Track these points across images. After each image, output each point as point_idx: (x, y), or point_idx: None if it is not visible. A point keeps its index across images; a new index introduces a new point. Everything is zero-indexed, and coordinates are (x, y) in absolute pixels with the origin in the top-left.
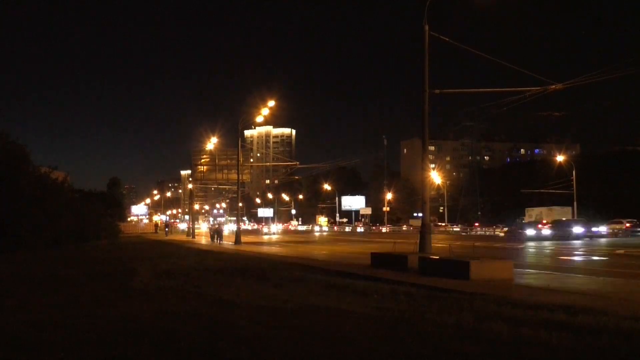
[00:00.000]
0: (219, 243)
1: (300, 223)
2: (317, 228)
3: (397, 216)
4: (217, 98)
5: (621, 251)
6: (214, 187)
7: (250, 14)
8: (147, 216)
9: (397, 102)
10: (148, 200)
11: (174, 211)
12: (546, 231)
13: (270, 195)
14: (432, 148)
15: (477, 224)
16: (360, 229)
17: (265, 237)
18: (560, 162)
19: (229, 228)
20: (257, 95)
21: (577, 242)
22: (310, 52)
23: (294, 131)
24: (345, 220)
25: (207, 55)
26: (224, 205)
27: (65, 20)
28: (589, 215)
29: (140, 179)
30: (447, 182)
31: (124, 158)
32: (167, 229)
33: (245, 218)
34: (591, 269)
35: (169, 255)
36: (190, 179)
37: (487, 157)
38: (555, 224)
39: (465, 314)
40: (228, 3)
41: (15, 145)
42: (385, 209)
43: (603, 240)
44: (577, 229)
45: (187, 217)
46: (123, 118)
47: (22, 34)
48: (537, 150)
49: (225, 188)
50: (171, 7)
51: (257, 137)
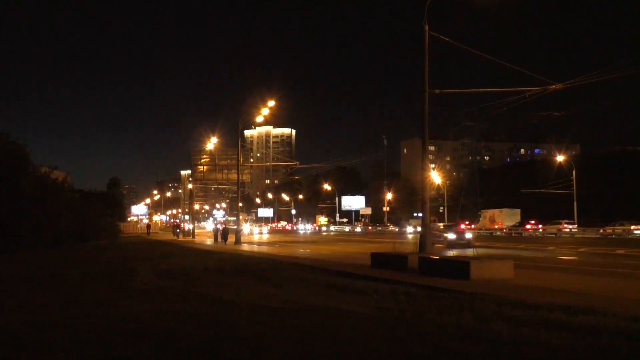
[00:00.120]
0: (225, 243)
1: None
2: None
3: (397, 216)
4: (217, 98)
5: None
6: (214, 187)
7: (250, 14)
8: (147, 216)
9: (397, 102)
10: (148, 200)
11: (174, 211)
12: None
13: (270, 195)
14: (432, 148)
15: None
16: (358, 229)
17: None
18: (560, 162)
19: (247, 228)
20: (257, 95)
21: None
22: (310, 52)
23: (294, 131)
24: (345, 220)
25: (207, 55)
26: (224, 205)
27: (65, 20)
28: (589, 215)
29: (140, 179)
30: (447, 182)
31: (124, 158)
32: (177, 230)
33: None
34: None
35: (169, 255)
36: (190, 179)
37: (487, 157)
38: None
39: (465, 314)
40: (228, 3)
41: (15, 145)
42: (385, 209)
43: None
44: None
45: (186, 217)
46: (123, 118)
47: (22, 34)
48: (537, 150)
49: (225, 188)
50: (171, 7)
51: (257, 137)
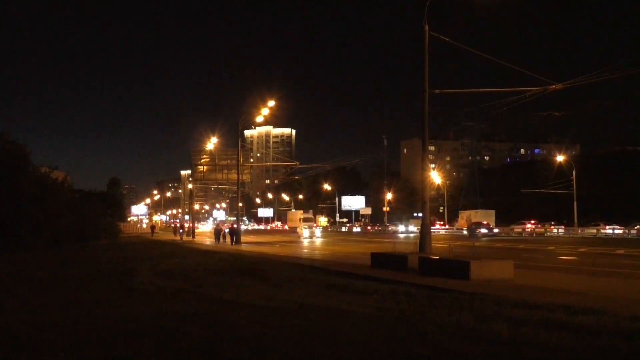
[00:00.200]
0: (232, 244)
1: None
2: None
3: (397, 216)
4: (217, 98)
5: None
6: (214, 187)
7: (250, 14)
8: (147, 216)
9: (397, 102)
10: (148, 200)
11: (174, 211)
12: None
13: (270, 195)
14: (432, 148)
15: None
16: (356, 229)
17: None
18: (560, 162)
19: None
20: (257, 95)
21: None
22: (310, 52)
23: (294, 131)
24: (345, 220)
25: (207, 55)
26: (224, 205)
27: (65, 20)
28: (589, 215)
29: (140, 179)
30: (447, 182)
31: (124, 158)
32: (181, 231)
33: (245, 218)
34: None
35: (169, 255)
36: (190, 179)
37: (487, 157)
38: None
39: (465, 314)
40: (228, 3)
41: (15, 145)
42: (385, 209)
43: None
44: None
45: (186, 217)
46: (123, 118)
47: (22, 34)
48: (537, 150)
49: (225, 188)
50: (171, 7)
51: (257, 137)
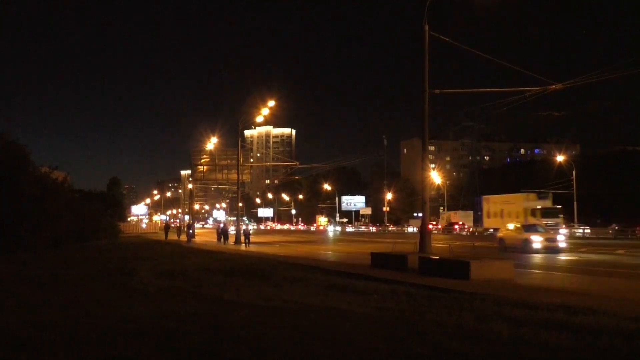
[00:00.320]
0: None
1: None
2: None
3: (397, 216)
4: (217, 98)
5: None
6: (214, 187)
7: (250, 14)
8: (147, 216)
9: (397, 102)
10: (148, 200)
11: (174, 211)
12: None
13: (270, 195)
14: (432, 148)
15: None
16: (349, 229)
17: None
18: (560, 162)
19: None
20: (257, 95)
21: None
22: (310, 53)
23: (294, 131)
24: (345, 220)
25: (207, 55)
26: (224, 205)
27: (65, 20)
28: (589, 215)
29: (140, 179)
30: (447, 182)
31: (124, 158)
32: (190, 232)
33: (245, 218)
34: None
35: (169, 255)
36: (190, 179)
37: (487, 157)
38: None
39: (465, 314)
40: (228, 3)
41: (15, 145)
42: (385, 209)
43: None
44: None
45: (186, 217)
46: (123, 118)
47: (22, 34)
48: (537, 150)
49: (225, 188)
50: (171, 7)
51: (257, 137)
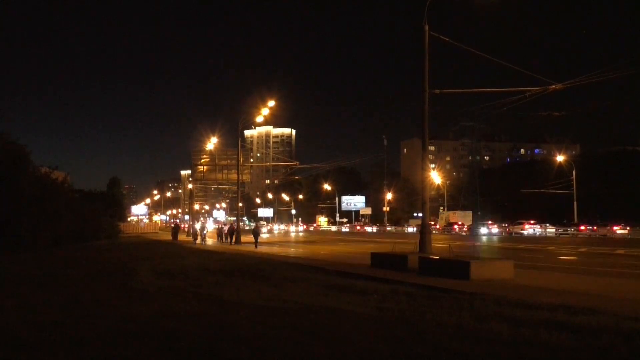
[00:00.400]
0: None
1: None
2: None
3: (397, 216)
4: (217, 98)
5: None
6: (214, 187)
7: (250, 14)
8: (147, 216)
9: (397, 102)
10: (148, 200)
11: (174, 211)
12: None
13: (270, 195)
14: (432, 148)
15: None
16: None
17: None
18: (560, 162)
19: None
20: (257, 95)
21: None
22: (310, 52)
23: (294, 131)
24: (345, 220)
25: (207, 55)
26: (224, 205)
27: (65, 20)
28: (589, 215)
29: (140, 179)
30: (447, 182)
31: (124, 158)
32: (204, 233)
33: (245, 218)
34: None
35: (169, 255)
36: (190, 179)
37: (487, 157)
38: None
39: (465, 314)
40: (228, 3)
41: (15, 145)
42: (385, 209)
43: None
44: None
45: (186, 217)
46: (123, 118)
47: (22, 34)
48: (537, 150)
49: (225, 188)
50: (171, 7)
51: (257, 137)
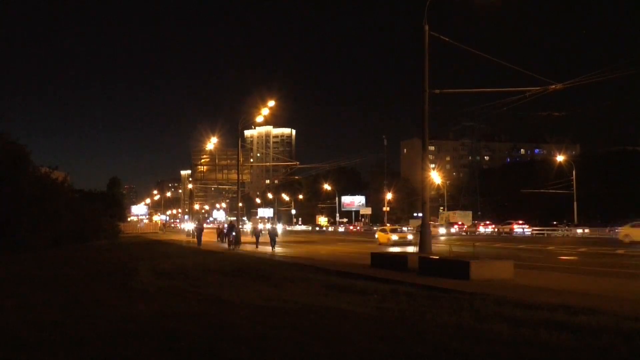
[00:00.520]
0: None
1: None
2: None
3: (397, 216)
4: (217, 98)
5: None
6: (214, 187)
7: (250, 14)
8: (147, 216)
9: (397, 102)
10: (148, 200)
11: (174, 211)
12: None
13: (270, 195)
14: (432, 148)
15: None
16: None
17: None
18: (560, 162)
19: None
20: (257, 95)
21: None
22: (310, 52)
23: (294, 131)
24: (345, 220)
25: (207, 55)
26: (224, 205)
27: (65, 20)
28: (589, 215)
29: (140, 179)
30: (447, 182)
31: (124, 158)
32: (233, 235)
33: (245, 218)
34: None
35: (169, 256)
36: (190, 179)
37: (487, 157)
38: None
39: (465, 314)
40: (228, 3)
41: (15, 145)
42: (385, 209)
43: None
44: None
45: (186, 217)
46: (123, 118)
47: (22, 34)
48: (537, 150)
49: (225, 188)
50: (171, 7)
51: (257, 137)
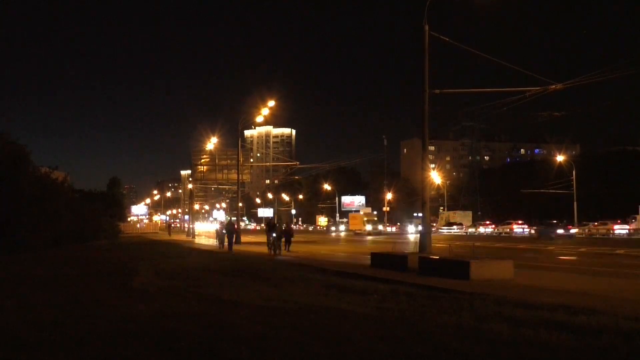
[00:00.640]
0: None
1: None
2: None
3: (397, 216)
4: (217, 98)
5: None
6: (214, 187)
7: (250, 14)
8: (147, 216)
9: (397, 102)
10: (148, 200)
11: (174, 211)
12: None
13: (270, 195)
14: (432, 148)
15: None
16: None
17: None
18: (560, 162)
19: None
20: (257, 95)
21: None
22: (310, 52)
23: (294, 131)
24: (345, 220)
25: (207, 55)
26: (224, 205)
27: (65, 20)
28: (589, 215)
29: (140, 179)
30: (447, 182)
31: (124, 158)
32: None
33: (245, 218)
34: None
35: (169, 256)
36: (190, 179)
37: (487, 157)
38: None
39: (465, 314)
40: (228, 3)
41: (15, 145)
42: (385, 209)
43: None
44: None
45: (186, 217)
46: (123, 118)
47: (22, 34)
48: (537, 150)
49: (225, 188)
50: (171, 7)
51: (257, 137)
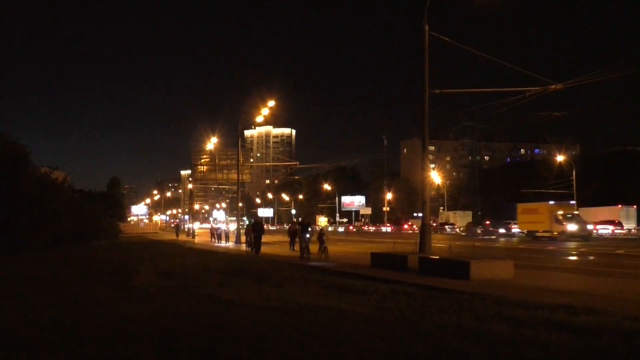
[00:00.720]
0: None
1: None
2: None
3: (397, 216)
4: (217, 98)
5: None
6: (214, 187)
7: (250, 14)
8: (147, 216)
9: (397, 102)
10: (148, 200)
11: (174, 211)
12: None
13: (270, 195)
14: (432, 148)
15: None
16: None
17: None
18: (560, 162)
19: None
20: (257, 95)
21: None
22: (310, 52)
23: (294, 131)
24: (345, 220)
25: (207, 55)
26: (224, 205)
27: (65, 20)
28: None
29: (140, 179)
30: (447, 182)
31: (124, 158)
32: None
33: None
34: None
35: (169, 256)
36: (190, 179)
37: (487, 157)
38: None
39: (465, 314)
40: (228, 3)
41: (15, 145)
42: (385, 209)
43: None
44: None
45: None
46: (123, 118)
47: (22, 34)
48: (537, 150)
49: (225, 188)
50: (171, 7)
51: (257, 137)
